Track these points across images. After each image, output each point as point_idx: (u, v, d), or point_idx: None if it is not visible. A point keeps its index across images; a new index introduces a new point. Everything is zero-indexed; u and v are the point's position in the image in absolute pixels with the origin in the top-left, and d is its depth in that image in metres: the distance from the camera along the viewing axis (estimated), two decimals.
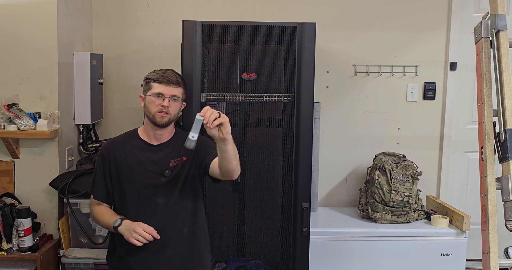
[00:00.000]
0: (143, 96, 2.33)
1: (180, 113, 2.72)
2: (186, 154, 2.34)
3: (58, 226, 2.94)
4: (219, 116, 1.95)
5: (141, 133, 2.37)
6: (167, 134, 2.36)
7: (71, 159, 3.14)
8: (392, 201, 3.12)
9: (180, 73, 2.65)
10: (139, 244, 2.14)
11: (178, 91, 2.30)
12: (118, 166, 2.32)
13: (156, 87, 2.27)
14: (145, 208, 2.29)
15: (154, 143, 2.35)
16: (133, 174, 2.30)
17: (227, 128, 1.98)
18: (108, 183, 2.34)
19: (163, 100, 2.26)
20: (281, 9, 3.50)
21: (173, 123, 2.36)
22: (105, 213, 2.31)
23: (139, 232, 2.13)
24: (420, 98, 3.59)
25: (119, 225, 2.20)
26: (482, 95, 2.16)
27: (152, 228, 2.17)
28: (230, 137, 2.01)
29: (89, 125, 3.30)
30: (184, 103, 2.38)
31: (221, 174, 2.16)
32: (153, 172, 2.30)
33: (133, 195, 2.29)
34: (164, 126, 2.29)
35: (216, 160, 2.16)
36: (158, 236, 2.16)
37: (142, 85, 2.38)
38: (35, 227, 2.91)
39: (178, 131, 2.44)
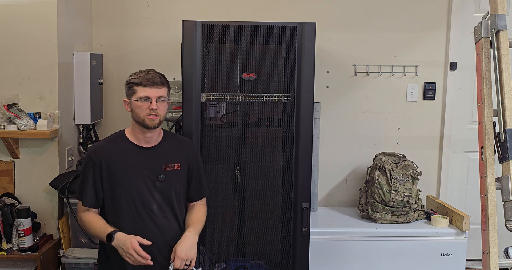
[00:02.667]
0: (127, 100, 2.26)
1: (180, 112, 2.72)
2: (181, 162, 2.33)
3: (58, 226, 2.94)
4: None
5: (129, 135, 2.30)
6: (156, 135, 2.31)
7: (71, 159, 3.14)
8: (392, 201, 3.12)
9: (180, 73, 2.66)
10: (133, 264, 2.13)
11: (163, 91, 2.24)
12: (111, 172, 2.24)
13: (141, 91, 2.20)
14: (141, 214, 2.24)
15: (145, 145, 2.29)
16: (127, 179, 2.24)
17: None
18: (99, 189, 2.25)
19: (151, 103, 2.20)
20: (281, 9, 3.50)
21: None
22: (95, 222, 2.23)
23: (131, 254, 2.11)
24: (420, 98, 3.60)
25: (112, 240, 2.15)
26: (482, 95, 2.16)
27: (142, 251, 2.12)
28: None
29: (89, 125, 3.30)
30: (169, 100, 2.33)
31: None
32: (148, 177, 2.26)
33: (128, 201, 2.23)
34: (155, 128, 2.25)
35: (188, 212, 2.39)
36: (149, 258, 2.12)
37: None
38: (35, 227, 2.91)
39: (166, 132, 2.40)
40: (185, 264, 2.19)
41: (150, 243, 2.16)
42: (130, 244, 2.11)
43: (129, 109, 2.26)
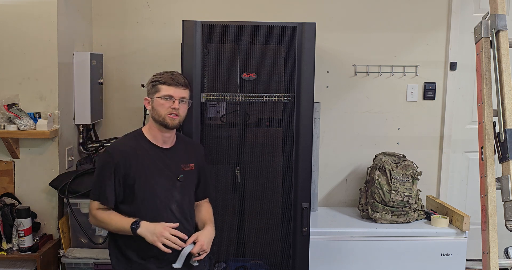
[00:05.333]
0: (148, 99, 2.30)
1: None
2: (194, 162, 2.39)
3: (58, 226, 2.94)
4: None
5: (148, 135, 2.32)
6: (172, 137, 2.36)
7: (71, 159, 3.14)
8: (392, 201, 3.12)
9: (180, 73, 2.66)
10: (167, 250, 2.11)
11: (186, 93, 2.30)
12: (130, 173, 2.23)
13: (166, 90, 2.24)
14: (162, 214, 2.25)
15: (164, 146, 2.33)
16: (148, 180, 2.25)
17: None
18: (118, 188, 2.24)
19: (173, 102, 2.24)
20: (281, 9, 3.50)
21: None
22: (113, 217, 2.22)
23: (167, 237, 2.11)
24: (420, 98, 3.59)
25: (138, 227, 2.15)
26: (482, 95, 2.17)
27: (177, 231, 2.15)
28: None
29: (89, 125, 3.30)
30: (190, 102, 2.38)
31: None
32: (168, 177, 2.29)
33: (149, 202, 2.24)
34: (174, 127, 2.29)
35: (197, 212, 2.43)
36: (185, 237, 2.16)
37: (143, 85, 2.37)
38: (35, 227, 2.91)
39: (178, 135, 2.44)
40: (198, 253, 2.20)
41: (177, 224, 2.18)
42: (162, 227, 2.13)
43: (149, 107, 2.30)
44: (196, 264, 2.22)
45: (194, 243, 2.21)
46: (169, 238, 2.12)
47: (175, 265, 2.17)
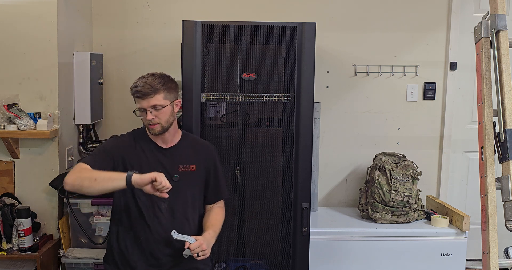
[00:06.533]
0: None
1: (180, 112, 2.72)
2: (196, 164, 2.35)
3: (58, 226, 2.94)
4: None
5: (149, 133, 2.34)
6: (171, 136, 2.34)
7: (71, 159, 3.14)
8: (392, 201, 3.12)
9: (180, 73, 2.66)
10: (165, 196, 2.03)
11: (157, 99, 2.21)
12: (129, 165, 2.25)
13: (138, 102, 2.25)
14: (148, 210, 2.27)
15: (163, 145, 2.33)
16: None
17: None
18: (109, 163, 2.22)
19: (146, 113, 2.23)
20: (281, 9, 3.50)
21: (175, 125, 2.34)
22: (102, 171, 2.11)
23: (161, 180, 1.98)
24: (420, 98, 3.60)
25: (132, 175, 2.02)
26: (482, 95, 2.17)
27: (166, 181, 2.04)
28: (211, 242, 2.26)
29: (89, 125, 3.30)
30: (177, 101, 2.32)
31: None
32: None
33: (139, 195, 2.26)
34: (160, 133, 2.27)
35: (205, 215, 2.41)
36: (170, 186, 2.03)
37: None
38: (35, 227, 2.91)
39: (184, 134, 2.43)
40: (197, 254, 2.17)
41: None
42: (154, 173, 2.01)
43: None
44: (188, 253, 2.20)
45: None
46: (161, 183, 2.00)
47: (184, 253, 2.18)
